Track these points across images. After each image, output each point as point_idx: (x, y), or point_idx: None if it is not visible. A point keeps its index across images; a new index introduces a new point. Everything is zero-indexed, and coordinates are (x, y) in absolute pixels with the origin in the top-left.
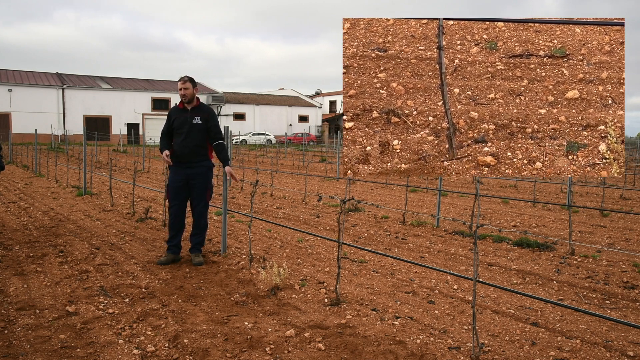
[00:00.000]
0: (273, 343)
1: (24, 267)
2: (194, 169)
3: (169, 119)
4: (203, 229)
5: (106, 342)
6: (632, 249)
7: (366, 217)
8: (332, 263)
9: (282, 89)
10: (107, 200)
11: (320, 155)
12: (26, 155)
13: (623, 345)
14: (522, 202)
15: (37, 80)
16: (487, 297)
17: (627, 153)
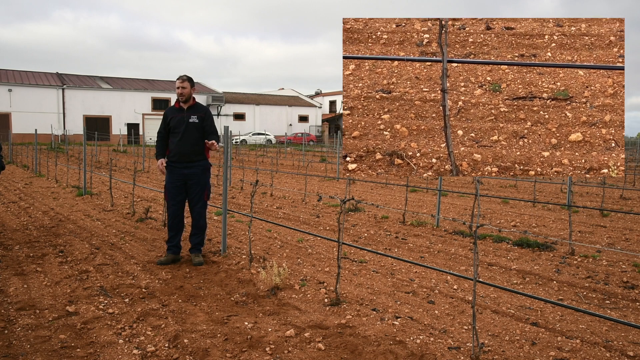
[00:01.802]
0: (273, 343)
1: (24, 267)
2: (192, 169)
3: (165, 119)
4: (202, 229)
5: (106, 342)
6: (632, 249)
7: (366, 217)
8: (332, 263)
9: (282, 89)
10: (107, 200)
11: (320, 155)
12: (26, 155)
13: (623, 345)
14: (522, 202)
15: (37, 80)
16: (487, 297)
17: (627, 153)
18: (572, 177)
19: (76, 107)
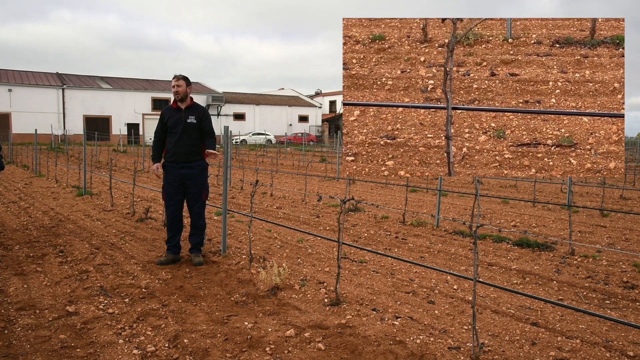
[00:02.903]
0: (273, 343)
1: (24, 267)
2: (189, 169)
3: (163, 119)
4: (201, 229)
5: (106, 342)
6: (632, 249)
7: (366, 217)
8: (332, 263)
9: (282, 89)
10: (107, 200)
11: (320, 155)
12: (26, 155)
13: (623, 345)
14: (522, 202)
15: (37, 80)
16: (487, 297)
17: (627, 153)
18: (571, 176)
19: (76, 107)
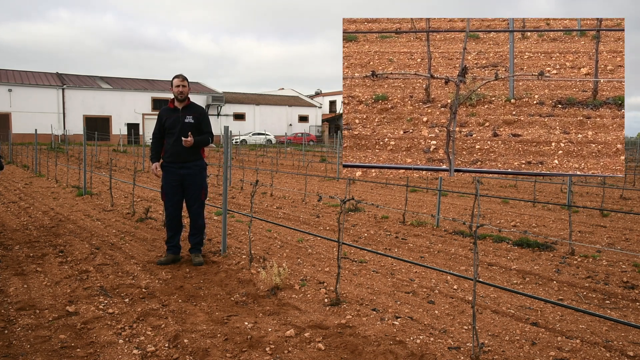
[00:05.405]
0: (273, 343)
1: (24, 267)
2: (188, 170)
3: (160, 120)
4: (201, 229)
5: (106, 342)
6: (632, 249)
7: (366, 217)
8: (332, 263)
9: (282, 89)
10: (107, 200)
11: (320, 155)
12: (26, 155)
13: (623, 345)
14: (522, 202)
15: (37, 80)
16: (487, 297)
17: (627, 153)
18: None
19: (76, 107)
